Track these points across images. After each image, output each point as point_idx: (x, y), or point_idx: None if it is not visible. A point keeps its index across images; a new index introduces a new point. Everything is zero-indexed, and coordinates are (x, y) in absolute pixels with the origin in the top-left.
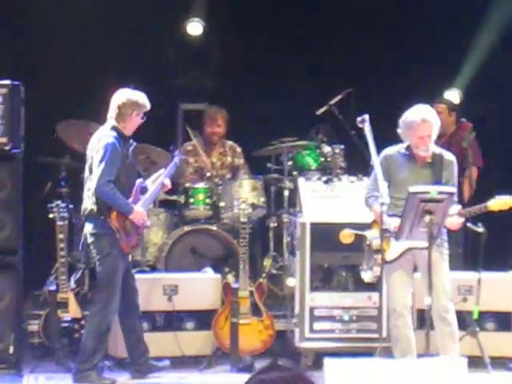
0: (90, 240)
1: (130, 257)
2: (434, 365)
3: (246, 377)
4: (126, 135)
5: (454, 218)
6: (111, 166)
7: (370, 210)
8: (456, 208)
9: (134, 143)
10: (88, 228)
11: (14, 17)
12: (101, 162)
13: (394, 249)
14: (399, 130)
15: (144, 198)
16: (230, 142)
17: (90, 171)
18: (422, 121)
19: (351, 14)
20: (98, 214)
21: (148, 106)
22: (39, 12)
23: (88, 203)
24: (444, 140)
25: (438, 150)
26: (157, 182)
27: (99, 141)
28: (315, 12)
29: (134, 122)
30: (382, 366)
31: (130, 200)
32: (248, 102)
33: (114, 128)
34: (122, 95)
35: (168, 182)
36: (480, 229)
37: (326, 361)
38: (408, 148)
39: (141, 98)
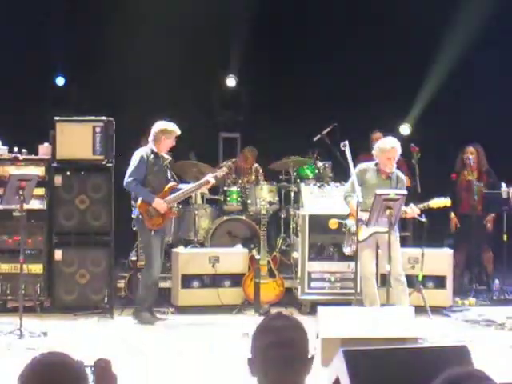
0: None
1: (187, 237)
2: (391, 312)
3: None
4: (157, 152)
5: (413, 208)
6: (136, 169)
7: (348, 205)
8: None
9: (169, 158)
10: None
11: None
12: (130, 165)
13: (364, 232)
14: (374, 152)
15: (174, 194)
16: (256, 165)
17: None
18: (391, 147)
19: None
20: (134, 203)
21: (177, 132)
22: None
23: None
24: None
25: (396, 170)
26: (190, 185)
27: (135, 154)
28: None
29: (164, 143)
30: (357, 312)
31: (159, 195)
32: (267, 132)
33: (149, 147)
34: (157, 125)
35: (211, 179)
36: (423, 219)
37: (320, 308)
38: (376, 165)
39: (169, 126)
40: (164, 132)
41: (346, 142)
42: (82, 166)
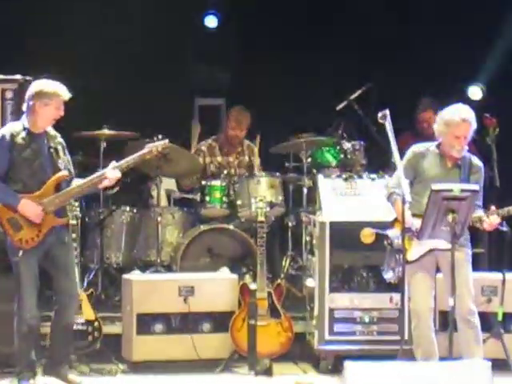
0: None
1: (146, 257)
2: (457, 368)
3: (264, 380)
4: (30, 129)
5: (494, 218)
6: None
7: (393, 206)
8: (481, 211)
9: (57, 136)
10: None
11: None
12: None
13: (416, 249)
14: (435, 126)
15: (61, 191)
16: (247, 142)
17: None
18: (462, 120)
19: (369, 7)
20: None
21: (61, 94)
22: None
23: None
24: None
25: (468, 154)
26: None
27: None
28: (335, 6)
29: (43, 114)
30: (404, 370)
31: (33, 194)
32: (265, 97)
33: (21, 121)
34: (31, 87)
35: (110, 173)
36: (504, 228)
37: (347, 364)
38: (438, 146)
39: (48, 87)
40: (40, 96)
41: (387, 112)
42: None
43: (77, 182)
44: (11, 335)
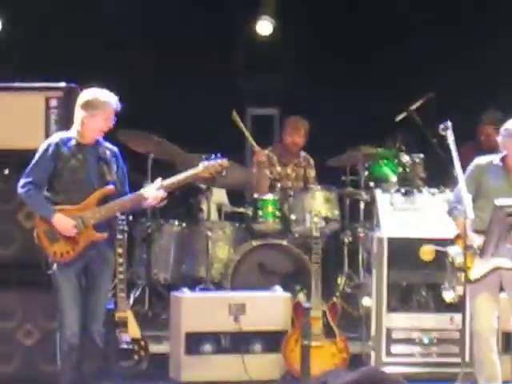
0: None
1: (195, 273)
2: None
3: None
4: (78, 139)
5: None
6: (35, 167)
7: (454, 222)
8: None
9: (112, 148)
10: None
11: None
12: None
13: (479, 267)
14: (499, 138)
15: (105, 205)
16: (303, 153)
17: None
18: None
19: (427, 14)
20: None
21: (110, 105)
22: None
23: None
24: None
25: None
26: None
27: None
28: (393, 13)
29: (91, 124)
30: None
31: (75, 207)
32: (321, 108)
33: (72, 131)
34: (80, 96)
35: (147, 193)
36: None
37: None
38: (503, 159)
39: (97, 96)
40: (87, 106)
41: (449, 124)
42: (28, 161)
43: (121, 198)
44: (15, 350)
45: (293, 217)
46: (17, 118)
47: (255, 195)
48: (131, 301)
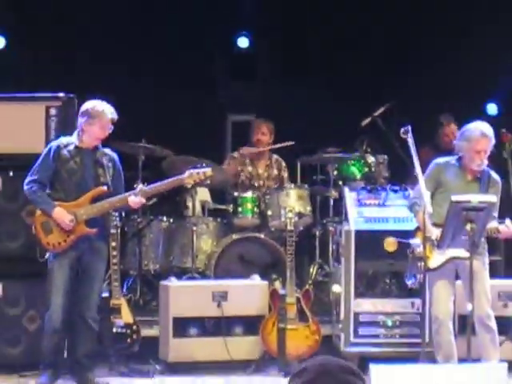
0: None
1: (181, 264)
2: (475, 370)
3: None
4: (78, 144)
5: (508, 228)
6: (40, 167)
7: (415, 216)
8: (496, 222)
9: (108, 154)
10: None
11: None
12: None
13: (437, 257)
14: (456, 142)
15: (98, 203)
16: (275, 156)
17: None
18: (482, 135)
19: (392, 28)
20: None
21: (106, 115)
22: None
23: None
24: None
25: (487, 168)
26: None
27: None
28: (359, 27)
29: (89, 131)
30: (425, 371)
31: (72, 203)
32: (294, 113)
33: (73, 137)
34: (82, 106)
35: (134, 200)
36: None
37: (372, 366)
38: (459, 160)
39: (95, 107)
40: (86, 115)
41: (409, 128)
42: (30, 164)
43: (111, 198)
44: (20, 335)
45: (269, 212)
46: (20, 125)
47: (235, 193)
48: (124, 289)
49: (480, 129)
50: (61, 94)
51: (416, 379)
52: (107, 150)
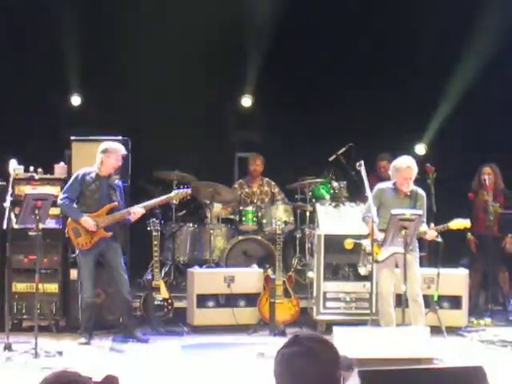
0: None
1: (203, 257)
2: (407, 332)
3: (279, 339)
4: (98, 172)
5: (431, 232)
6: (70, 187)
7: (366, 225)
8: (425, 226)
9: (116, 179)
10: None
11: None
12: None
13: (383, 253)
14: (390, 172)
15: (110, 215)
16: (266, 179)
17: None
18: (407, 167)
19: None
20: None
21: (118, 151)
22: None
23: None
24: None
25: (415, 187)
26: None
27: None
28: (327, 94)
29: (106, 163)
30: (373, 332)
31: (93, 215)
32: (283, 151)
33: (95, 167)
34: (100, 145)
35: (137, 210)
36: (439, 239)
37: (335, 329)
38: (394, 184)
39: (110, 146)
40: (104, 152)
41: (362, 162)
42: None
43: (119, 212)
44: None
45: (264, 221)
46: (92, 158)
47: (240, 207)
48: (162, 274)
49: (405, 162)
50: (119, 137)
51: (365, 338)
52: (115, 178)
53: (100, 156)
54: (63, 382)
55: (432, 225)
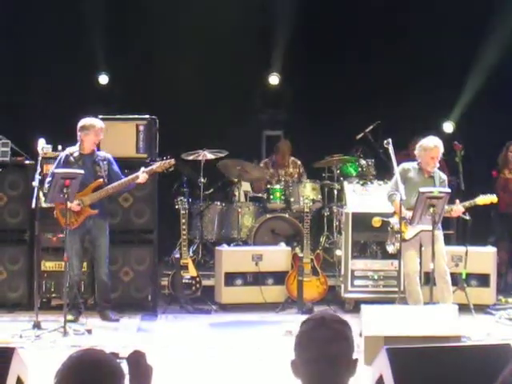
0: None
1: (230, 235)
2: (435, 310)
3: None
4: (80, 151)
5: (457, 208)
6: (55, 168)
7: (392, 203)
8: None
9: (102, 156)
10: None
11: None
12: None
13: (411, 231)
14: (416, 152)
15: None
16: (292, 158)
17: None
18: (435, 146)
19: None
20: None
21: (96, 125)
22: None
23: None
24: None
25: (437, 170)
26: (117, 182)
27: None
28: (359, 67)
29: (86, 140)
30: (401, 310)
31: (79, 193)
32: (310, 129)
33: (77, 145)
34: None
35: (141, 174)
36: (467, 217)
37: (363, 306)
38: (419, 164)
39: (86, 122)
40: (82, 129)
41: (390, 140)
42: (126, 164)
43: (111, 185)
44: (118, 284)
45: (292, 199)
46: (119, 137)
47: (268, 186)
48: (190, 252)
49: (432, 141)
50: (146, 116)
51: (393, 316)
52: (102, 152)
53: (79, 134)
54: (87, 360)
55: (457, 201)
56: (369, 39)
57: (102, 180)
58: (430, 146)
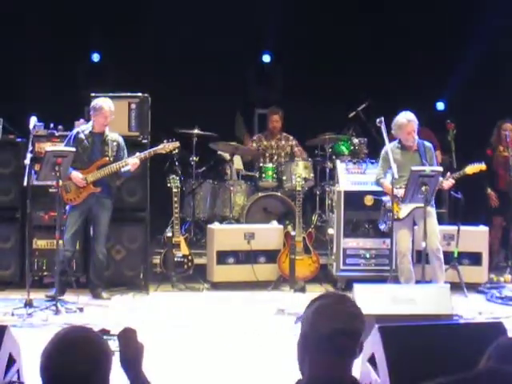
0: None
1: (223, 213)
2: (427, 288)
3: (299, 295)
4: (91, 130)
5: (448, 181)
6: (65, 146)
7: (382, 187)
8: (440, 178)
9: (112, 136)
10: None
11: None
12: None
13: (404, 209)
14: (393, 131)
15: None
16: (284, 133)
17: None
18: (408, 121)
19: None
20: None
21: (104, 108)
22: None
23: None
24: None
25: (420, 140)
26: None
27: None
28: (352, 51)
29: (96, 121)
30: (393, 289)
31: (84, 171)
32: (303, 108)
33: (89, 124)
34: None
35: (131, 160)
36: (459, 195)
37: (355, 285)
38: (400, 142)
39: (97, 103)
40: (92, 110)
41: (382, 119)
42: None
43: (111, 165)
44: (110, 262)
45: (284, 177)
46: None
47: (260, 164)
48: (183, 230)
49: (406, 117)
50: (139, 94)
51: (385, 294)
52: (113, 134)
53: (90, 114)
54: (72, 337)
55: (448, 173)
56: (365, 18)
57: (107, 158)
58: (404, 122)
